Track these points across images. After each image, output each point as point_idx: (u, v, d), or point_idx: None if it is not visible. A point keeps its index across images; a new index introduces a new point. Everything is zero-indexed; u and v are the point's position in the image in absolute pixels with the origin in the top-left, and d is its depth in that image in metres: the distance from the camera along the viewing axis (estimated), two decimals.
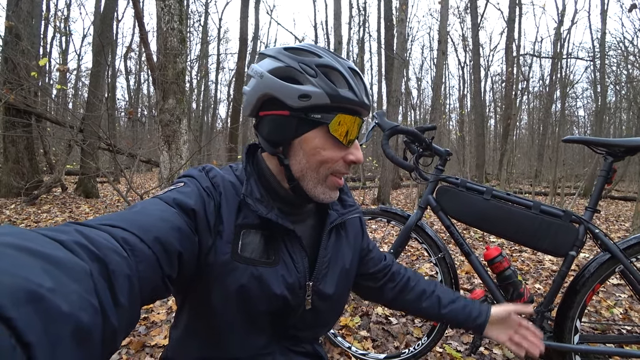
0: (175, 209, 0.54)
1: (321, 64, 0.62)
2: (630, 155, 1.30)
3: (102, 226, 0.42)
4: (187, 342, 0.67)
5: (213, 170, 0.65)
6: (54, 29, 15.03)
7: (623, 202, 9.79)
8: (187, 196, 0.57)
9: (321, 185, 0.65)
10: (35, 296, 0.25)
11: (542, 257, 3.39)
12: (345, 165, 0.66)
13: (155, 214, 0.50)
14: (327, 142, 0.63)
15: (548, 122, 13.85)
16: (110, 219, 0.45)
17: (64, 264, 0.30)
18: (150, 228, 0.47)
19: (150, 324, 2.03)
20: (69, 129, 4.65)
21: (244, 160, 0.69)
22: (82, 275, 0.32)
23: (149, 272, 0.44)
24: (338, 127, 0.63)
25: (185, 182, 0.61)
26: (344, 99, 0.62)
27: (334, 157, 0.64)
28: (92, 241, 0.37)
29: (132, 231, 0.44)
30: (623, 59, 16.82)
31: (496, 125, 21.88)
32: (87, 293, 0.31)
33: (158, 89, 3.40)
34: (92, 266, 0.34)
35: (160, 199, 0.55)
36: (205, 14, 20.20)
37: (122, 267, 0.38)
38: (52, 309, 0.26)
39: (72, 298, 0.28)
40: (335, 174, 0.66)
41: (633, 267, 1.21)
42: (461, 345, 1.80)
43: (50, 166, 7.30)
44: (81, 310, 0.28)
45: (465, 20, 18.42)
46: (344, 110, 0.63)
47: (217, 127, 21.64)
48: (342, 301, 0.79)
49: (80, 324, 0.28)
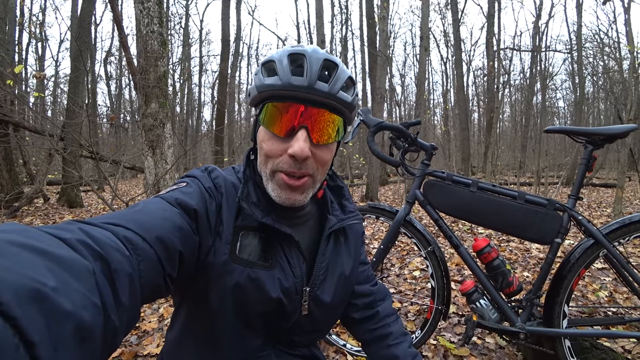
0: (177, 209, 0.54)
1: (265, 61, 0.63)
2: (609, 143, 1.34)
3: (105, 225, 0.42)
4: (183, 343, 0.67)
5: (215, 171, 0.65)
6: (29, 34, 14.59)
7: (604, 189, 10.09)
8: (189, 196, 0.57)
9: (271, 182, 0.62)
10: (39, 295, 0.25)
11: (530, 246, 3.46)
12: (289, 162, 0.59)
13: (157, 214, 0.50)
14: (267, 135, 0.61)
15: (530, 114, 14.16)
16: (113, 217, 0.45)
17: (67, 262, 0.30)
18: (153, 227, 0.47)
19: (142, 333, 1.99)
20: (49, 138, 4.52)
21: (244, 164, 0.69)
22: (85, 273, 0.31)
23: (151, 271, 0.44)
24: (267, 118, 0.60)
25: (187, 182, 0.61)
26: (267, 86, 0.60)
27: (272, 150, 0.60)
28: (95, 239, 0.37)
29: (134, 230, 0.44)
30: (599, 51, 17.33)
31: (480, 119, 22.25)
32: (89, 292, 0.30)
33: (140, 93, 3.33)
34: (95, 265, 0.34)
35: (163, 199, 0.55)
36: (186, 16, 19.94)
37: (124, 266, 0.38)
38: (55, 307, 0.26)
39: (74, 297, 0.28)
40: (281, 170, 0.60)
41: (616, 250, 1.24)
42: (454, 336, 1.82)
43: (31, 177, 7.10)
44: (83, 309, 0.28)
45: (446, 17, 18.68)
46: (272, 98, 0.60)
47: (202, 131, 21.40)
48: (339, 308, 0.77)
49: (83, 323, 0.28)
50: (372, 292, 0.86)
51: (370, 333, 0.84)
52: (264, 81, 0.60)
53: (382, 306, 0.87)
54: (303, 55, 0.59)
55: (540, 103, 14.56)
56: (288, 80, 0.58)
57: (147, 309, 2.26)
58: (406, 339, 0.83)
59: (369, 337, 0.84)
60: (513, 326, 1.33)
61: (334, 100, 0.60)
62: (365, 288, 0.86)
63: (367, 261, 0.89)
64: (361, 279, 0.85)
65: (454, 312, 2.07)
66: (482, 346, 1.71)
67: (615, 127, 1.30)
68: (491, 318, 1.36)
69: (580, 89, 14.30)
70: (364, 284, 0.86)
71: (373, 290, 0.87)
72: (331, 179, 0.79)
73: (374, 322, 0.84)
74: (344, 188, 0.79)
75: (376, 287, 0.88)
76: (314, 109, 0.59)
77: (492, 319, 1.36)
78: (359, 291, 0.84)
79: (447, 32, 18.61)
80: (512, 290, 1.37)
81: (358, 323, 0.85)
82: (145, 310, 2.25)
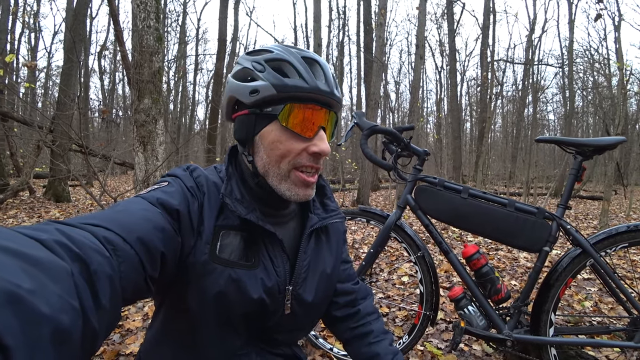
0: (158, 209, 0.53)
1: (270, 59, 0.63)
2: (598, 154, 1.36)
3: (84, 225, 0.41)
4: (162, 342, 0.66)
5: (197, 170, 0.65)
6: (22, 24, 14.35)
7: (591, 201, 10.28)
8: (171, 196, 0.56)
9: (285, 182, 0.63)
10: (13, 297, 0.24)
11: (518, 255, 3.50)
12: (309, 158, 0.62)
13: (139, 214, 0.49)
14: (284, 134, 0.61)
15: (521, 126, 14.38)
16: (93, 218, 0.44)
17: (43, 264, 0.29)
18: (134, 228, 0.46)
19: (125, 331, 1.95)
20: (38, 130, 4.42)
21: (226, 162, 0.69)
22: (63, 275, 0.30)
23: (131, 273, 0.43)
24: (290, 117, 0.61)
25: (169, 182, 0.60)
26: (291, 88, 0.60)
27: (292, 149, 0.61)
28: (73, 240, 0.36)
29: (114, 230, 0.43)
30: (589, 66, 17.74)
31: (472, 128, 22.52)
32: (67, 294, 0.29)
33: (133, 88, 3.29)
34: (73, 266, 0.33)
35: (144, 199, 0.54)
36: (183, 14, 19.87)
37: (104, 268, 0.37)
38: (31, 310, 0.25)
39: (51, 299, 0.27)
40: (299, 168, 0.62)
41: (603, 260, 1.26)
42: (442, 342, 1.82)
43: (17, 169, 6.95)
44: (61, 312, 0.27)
45: (442, 26, 18.92)
46: (295, 99, 0.61)
47: (195, 129, 21.22)
48: (322, 306, 0.78)
49: (60, 326, 0.27)
50: (354, 291, 0.87)
51: (351, 331, 0.84)
52: (284, 81, 0.60)
53: (363, 305, 0.87)
54: (316, 62, 0.63)
55: (531, 115, 14.81)
56: (315, 84, 0.61)
57: (131, 308, 2.22)
58: (387, 337, 0.84)
59: (349, 335, 0.84)
60: (500, 333, 1.33)
61: (340, 103, 0.67)
62: (347, 286, 0.86)
63: (349, 259, 0.89)
64: (343, 277, 0.85)
65: (442, 319, 2.07)
66: (469, 353, 1.72)
67: (604, 139, 1.32)
68: (479, 325, 1.36)
69: (570, 102, 14.59)
70: (346, 282, 0.86)
71: (354, 289, 0.87)
72: None
73: (354, 320, 0.85)
74: (326, 187, 0.80)
75: (358, 286, 0.89)
76: (328, 111, 0.64)
77: (480, 325, 1.36)
78: (341, 289, 0.84)
79: (443, 42, 18.87)
80: (500, 298, 1.37)
81: (339, 321, 0.85)
82: (130, 308, 2.20)
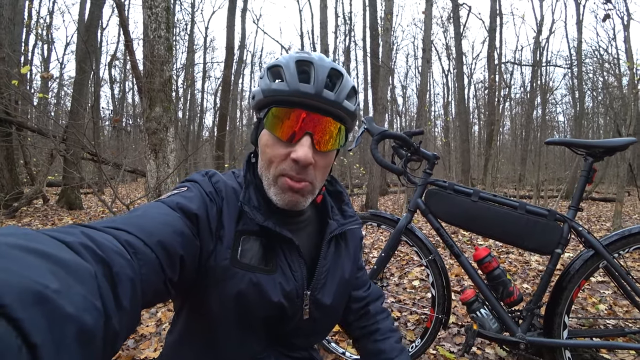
0: (178, 213, 0.54)
1: (271, 65, 0.64)
2: (608, 156, 1.35)
3: (106, 229, 0.43)
4: (183, 346, 0.67)
5: (216, 176, 0.66)
6: (35, 36, 14.72)
7: (603, 203, 10.09)
8: (190, 201, 0.57)
9: (273, 187, 0.62)
10: (41, 297, 0.25)
11: (529, 258, 3.46)
12: (291, 166, 0.60)
13: (159, 218, 0.51)
14: (270, 139, 0.62)
15: (530, 128, 14.21)
16: (114, 222, 0.45)
17: (69, 265, 0.30)
18: (154, 231, 0.47)
19: (139, 337, 1.98)
20: (52, 139, 4.54)
21: (244, 168, 0.70)
22: (87, 277, 0.32)
23: (152, 276, 0.44)
24: (272, 122, 0.61)
25: (188, 187, 0.62)
26: (273, 91, 0.61)
27: (275, 154, 0.61)
28: (97, 243, 0.37)
29: (135, 234, 0.44)
30: (599, 67, 17.49)
31: (480, 131, 22.31)
32: (91, 295, 0.31)
33: (145, 97, 3.37)
34: (97, 268, 0.34)
35: (164, 203, 0.55)
36: (191, 23, 20.13)
37: (125, 270, 0.38)
38: (58, 310, 0.26)
39: (77, 300, 0.28)
40: (284, 174, 0.61)
41: (616, 262, 1.25)
42: (454, 346, 1.82)
43: (31, 177, 7.11)
44: (85, 312, 0.28)
45: (449, 30, 18.86)
46: (277, 103, 0.61)
47: (203, 137, 21.43)
48: (339, 311, 0.79)
49: (84, 326, 0.28)
50: (366, 296, 0.89)
51: (361, 330, 0.87)
52: (270, 85, 0.62)
53: (374, 305, 0.89)
54: (310, 63, 0.61)
55: (540, 117, 14.62)
56: (296, 86, 0.59)
57: (145, 313, 2.25)
58: (394, 335, 0.86)
59: (359, 333, 0.88)
60: (513, 336, 1.32)
61: (339, 108, 0.62)
62: (359, 293, 0.88)
63: (363, 266, 0.91)
64: (358, 284, 0.87)
65: (454, 322, 2.06)
66: (481, 357, 1.70)
67: (615, 140, 1.31)
68: (491, 328, 1.36)
69: (580, 103, 14.40)
70: (359, 290, 0.88)
71: (367, 295, 0.89)
72: (330, 184, 0.80)
73: (364, 320, 0.88)
74: (344, 193, 0.80)
75: (369, 290, 0.91)
76: (318, 116, 0.61)
77: (493, 328, 1.36)
78: (354, 296, 0.86)
79: (449, 45, 18.78)
80: (513, 300, 1.37)
81: (351, 323, 0.88)
82: (144, 314, 2.24)
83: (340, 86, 0.62)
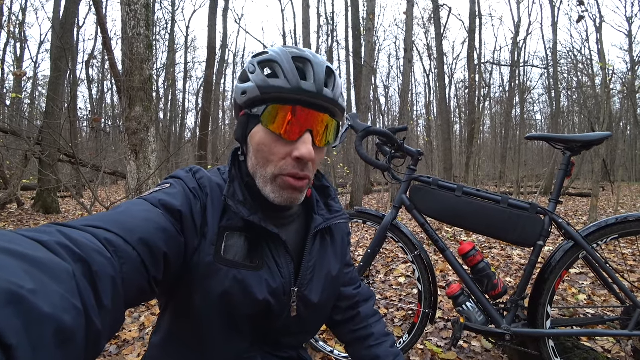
0: (160, 210, 0.53)
1: (262, 60, 0.62)
2: (586, 150, 1.39)
3: (84, 227, 0.41)
4: (168, 346, 0.65)
5: (200, 172, 0.65)
6: (7, 34, 14.12)
7: (580, 198, 10.51)
8: (173, 197, 0.56)
9: (270, 185, 0.61)
10: (15, 297, 0.24)
11: (511, 252, 3.54)
12: (293, 165, 0.59)
13: (140, 215, 0.49)
14: (268, 136, 0.60)
15: (509, 126, 14.61)
16: (93, 219, 0.44)
17: (45, 265, 0.29)
18: (135, 229, 0.46)
19: (122, 342, 1.93)
20: (26, 140, 4.36)
21: (229, 163, 0.68)
22: (65, 276, 0.31)
23: (134, 274, 0.43)
24: (271, 119, 0.59)
25: (171, 184, 0.60)
26: (273, 88, 0.59)
27: (276, 153, 0.60)
28: (74, 242, 0.36)
29: (115, 232, 0.43)
30: (573, 67, 18.16)
31: (461, 130, 22.77)
32: (69, 294, 0.30)
33: (124, 96, 3.27)
34: (75, 267, 0.33)
35: (146, 200, 0.54)
36: (172, 22, 19.75)
37: (105, 268, 0.37)
38: (34, 310, 0.25)
39: (54, 299, 0.27)
40: (285, 174, 0.60)
41: (595, 252, 1.29)
42: (441, 340, 1.84)
43: (4, 180, 6.81)
44: (64, 311, 0.28)
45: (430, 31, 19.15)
46: (277, 100, 0.60)
47: (185, 137, 21.08)
48: (327, 309, 0.78)
49: (63, 326, 0.27)
50: (356, 294, 0.87)
51: (352, 334, 0.85)
52: (268, 82, 0.59)
53: (364, 307, 0.87)
54: (308, 60, 0.61)
55: (518, 115, 15.07)
56: (297, 84, 0.58)
57: (128, 318, 2.19)
58: (388, 339, 0.84)
59: (351, 337, 0.85)
60: (499, 328, 1.35)
61: (335, 105, 0.63)
62: (349, 290, 0.86)
63: (351, 263, 0.89)
64: (346, 281, 0.85)
65: (440, 317, 2.08)
66: (468, 350, 1.73)
67: (591, 135, 1.36)
68: (477, 320, 1.38)
69: (556, 102, 14.91)
70: (348, 287, 0.86)
71: (356, 293, 0.88)
72: (317, 178, 0.79)
73: (355, 323, 0.85)
74: (330, 188, 0.79)
75: (360, 289, 0.89)
76: (316, 112, 0.61)
77: (479, 321, 1.38)
78: (343, 293, 0.85)
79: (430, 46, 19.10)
80: (498, 293, 1.39)
81: (340, 324, 0.86)
82: (126, 319, 2.17)
83: (335, 84, 0.63)
